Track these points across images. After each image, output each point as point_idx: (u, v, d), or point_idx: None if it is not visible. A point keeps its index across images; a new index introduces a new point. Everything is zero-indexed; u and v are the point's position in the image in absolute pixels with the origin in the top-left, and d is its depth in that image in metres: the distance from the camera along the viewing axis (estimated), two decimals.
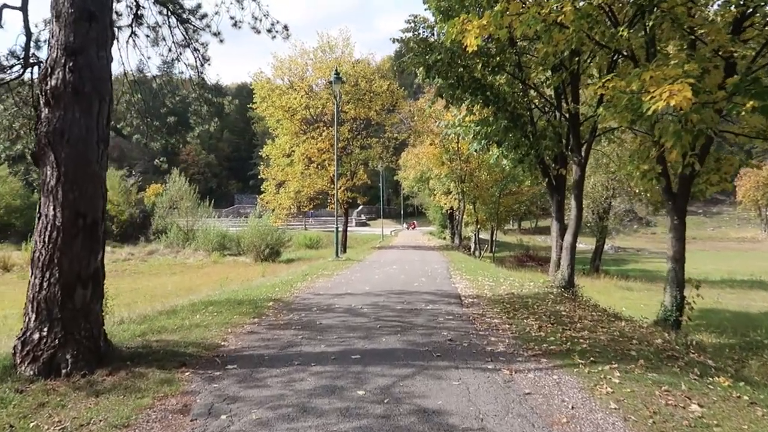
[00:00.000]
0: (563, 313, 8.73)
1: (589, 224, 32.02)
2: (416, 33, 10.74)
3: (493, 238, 48.88)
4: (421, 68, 10.17)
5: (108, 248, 42.64)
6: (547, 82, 11.78)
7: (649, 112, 5.75)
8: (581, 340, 6.68)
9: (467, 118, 12.35)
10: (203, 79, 10.18)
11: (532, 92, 11.71)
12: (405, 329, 7.30)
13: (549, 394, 4.72)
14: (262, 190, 30.23)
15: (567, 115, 11.28)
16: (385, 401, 4.44)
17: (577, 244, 12.22)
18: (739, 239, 77.36)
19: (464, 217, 34.72)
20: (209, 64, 10.26)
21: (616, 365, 5.59)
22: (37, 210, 5.48)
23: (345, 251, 30.25)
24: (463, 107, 12.21)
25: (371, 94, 28.82)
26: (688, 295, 9.91)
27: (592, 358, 5.82)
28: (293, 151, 28.48)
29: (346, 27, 34.57)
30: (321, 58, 28.63)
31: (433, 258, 21.26)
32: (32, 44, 7.04)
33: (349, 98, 28.51)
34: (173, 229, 49.01)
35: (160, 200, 53.24)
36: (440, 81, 10.19)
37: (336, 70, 20.36)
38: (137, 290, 24.00)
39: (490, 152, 13.20)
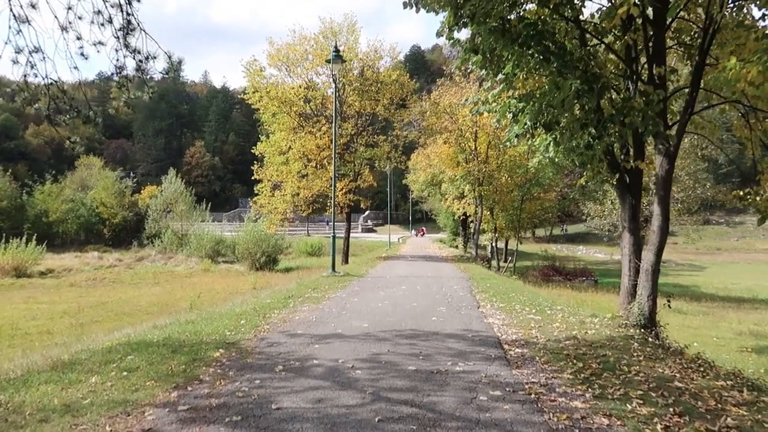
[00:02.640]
0: (676, 383, 5.43)
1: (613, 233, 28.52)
2: None
3: (508, 248, 45.49)
4: (448, 10, 6.96)
5: (95, 253, 39.87)
6: (617, 45, 8.55)
7: None
8: None
9: (504, 95, 9.14)
10: (129, 21, 7.00)
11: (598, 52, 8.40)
12: (424, 427, 4.05)
13: None
14: (256, 192, 27.06)
15: (642, 86, 8.03)
16: None
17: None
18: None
19: (481, 224, 31.33)
20: (139, 1, 7.04)
21: None
22: None
23: (347, 261, 27.04)
24: (497, 84, 9.03)
25: (378, 85, 25.64)
26: None
27: None
28: (290, 148, 25.31)
29: (352, 12, 30.77)
30: (323, 44, 25.47)
31: (449, 273, 17.97)
32: None
33: (353, 89, 25.35)
34: (167, 233, 46.11)
35: (153, 203, 50.24)
36: (475, 27, 6.97)
37: (335, 47, 17.16)
38: (105, 305, 20.85)
39: (535, 141, 9.97)
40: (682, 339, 10.83)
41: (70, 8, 6.89)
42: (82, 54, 7.26)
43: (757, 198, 8.35)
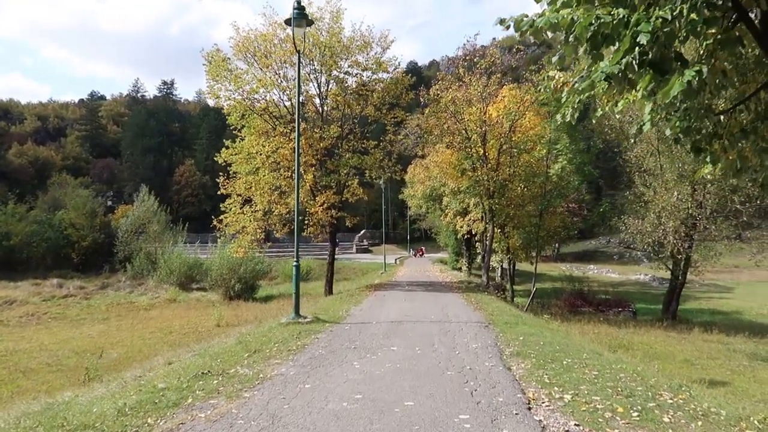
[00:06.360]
0: None
1: (654, 249, 23.94)
2: None
3: (515, 269, 40.84)
4: None
5: (55, 281, 35.07)
6: None
7: None
8: None
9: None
10: None
11: None
12: None
13: None
14: (223, 209, 22.43)
15: None
16: None
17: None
18: None
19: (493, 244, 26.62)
20: None
21: None
22: None
23: (330, 291, 22.46)
24: None
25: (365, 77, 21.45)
26: None
27: None
28: (258, 153, 20.85)
29: None
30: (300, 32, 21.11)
31: (458, 311, 13.36)
32: None
33: (332, 78, 21.18)
34: (139, 257, 41.53)
35: (123, 223, 45.58)
36: None
37: (297, 2, 12.73)
38: (13, 355, 15.97)
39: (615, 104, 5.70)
40: None
41: None
42: None
43: None
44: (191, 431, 4.73)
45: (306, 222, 21.13)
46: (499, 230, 26.01)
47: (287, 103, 22.08)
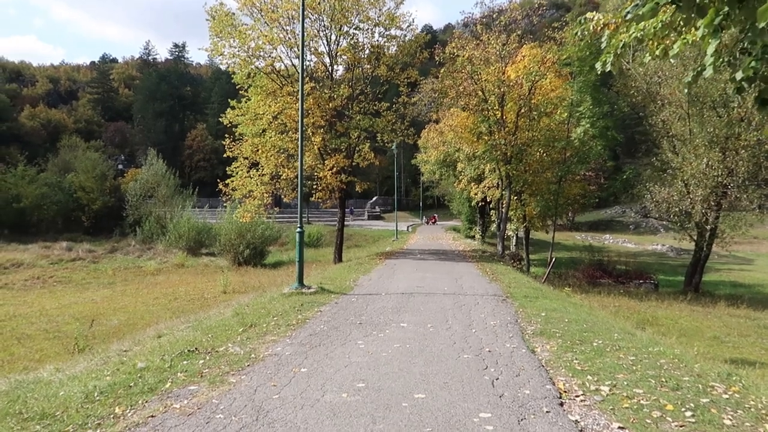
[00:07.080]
0: None
1: (680, 219, 22.70)
2: None
3: (529, 238, 39.93)
4: None
5: (64, 244, 34.78)
6: None
7: None
8: None
9: None
10: None
11: None
12: None
13: None
14: (229, 172, 21.63)
15: None
16: None
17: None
18: None
19: (509, 212, 25.53)
20: None
21: None
22: None
23: (340, 259, 21.77)
24: None
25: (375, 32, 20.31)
26: None
27: None
28: (265, 114, 19.89)
29: None
30: None
31: (473, 283, 12.56)
32: None
33: (342, 34, 20.04)
34: (149, 221, 41.12)
35: (132, 186, 45.04)
36: None
37: None
38: (10, 321, 15.72)
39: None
40: None
41: None
42: None
43: None
44: (160, 427, 4.00)
45: (314, 187, 20.33)
46: (515, 197, 25.02)
47: (295, 61, 20.98)
